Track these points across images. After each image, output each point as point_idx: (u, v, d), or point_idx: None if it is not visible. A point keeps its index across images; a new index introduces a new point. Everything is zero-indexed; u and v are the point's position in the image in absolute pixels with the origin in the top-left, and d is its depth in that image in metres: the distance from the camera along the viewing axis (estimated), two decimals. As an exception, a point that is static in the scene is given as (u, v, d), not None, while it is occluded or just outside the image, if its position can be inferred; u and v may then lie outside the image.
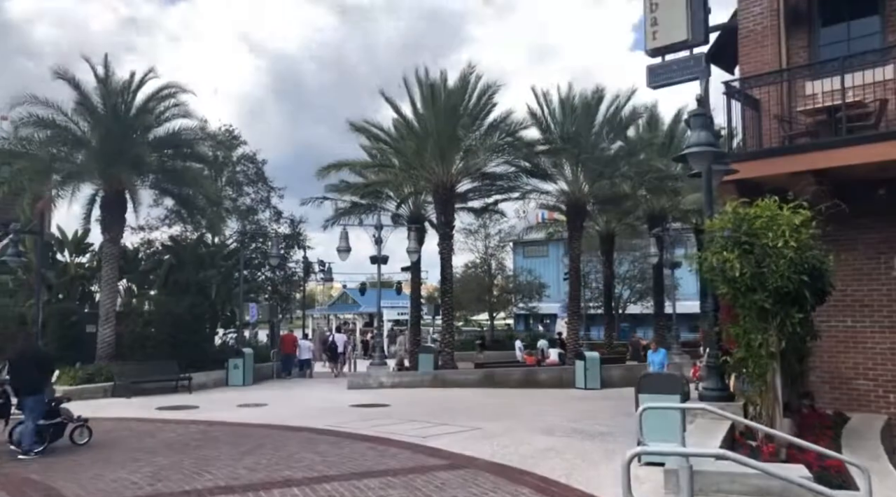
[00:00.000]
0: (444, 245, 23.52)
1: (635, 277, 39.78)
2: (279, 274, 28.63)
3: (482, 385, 21.45)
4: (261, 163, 27.34)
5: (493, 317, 44.29)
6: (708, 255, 7.25)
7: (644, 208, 27.85)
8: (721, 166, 8.83)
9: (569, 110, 24.19)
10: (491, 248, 43.34)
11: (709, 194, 8.65)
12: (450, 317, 23.56)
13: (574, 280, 24.90)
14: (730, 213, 7.20)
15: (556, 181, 24.77)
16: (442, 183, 23.02)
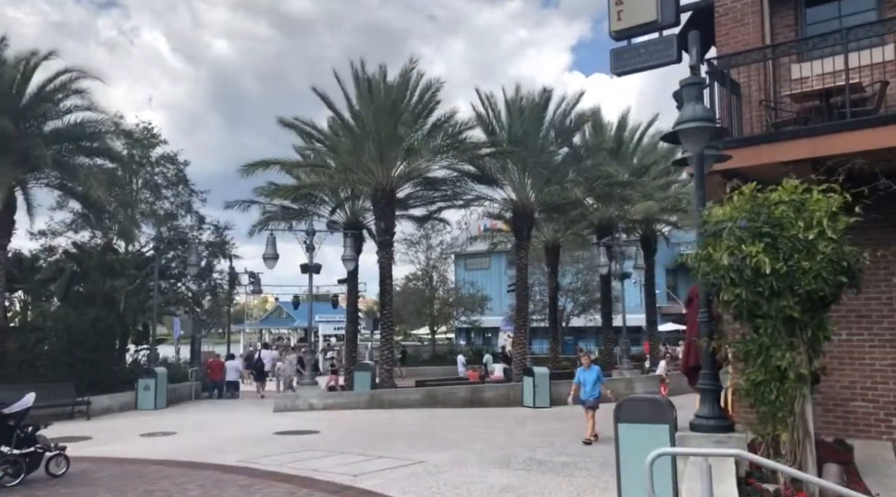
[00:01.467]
0: (384, 254, 21.73)
1: (579, 289, 38.89)
2: (202, 285, 26.12)
3: (424, 405, 19.70)
4: (182, 164, 24.97)
5: (434, 331, 42.58)
6: (717, 252, 5.77)
7: (592, 218, 26.78)
8: (713, 152, 7.44)
9: (516, 112, 22.89)
10: (433, 259, 41.76)
11: (700, 181, 7.24)
12: (389, 331, 21.73)
13: (521, 291, 23.49)
14: (746, 196, 5.75)
15: (502, 186, 23.40)
16: (381, 186, 21.27)
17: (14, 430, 9.06)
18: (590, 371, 13.30)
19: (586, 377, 13.27)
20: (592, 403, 13.03)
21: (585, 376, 13.30)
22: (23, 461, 9.02)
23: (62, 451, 9.50)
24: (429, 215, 26.29)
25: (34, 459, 9.20)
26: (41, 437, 9.36)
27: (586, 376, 13.29)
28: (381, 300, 21.99)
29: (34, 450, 9.21)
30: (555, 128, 23.04)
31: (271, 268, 19.08)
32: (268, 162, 20.97)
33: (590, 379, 13.23)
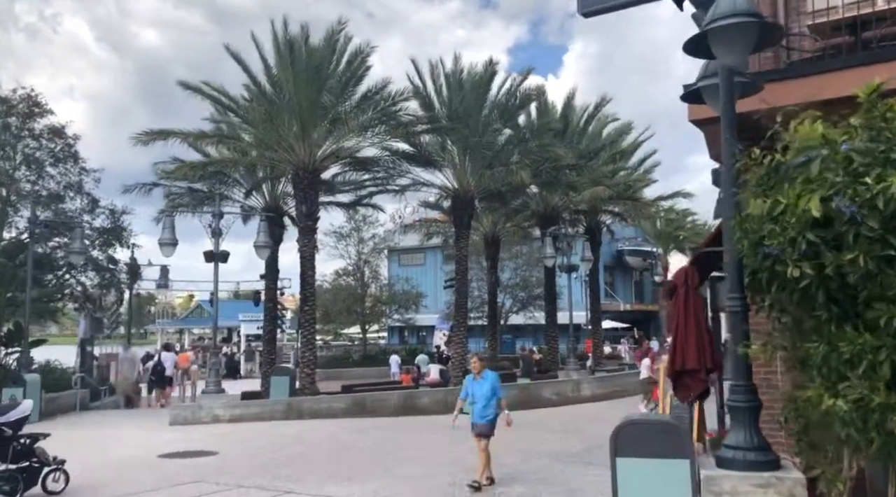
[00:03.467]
0: (306, 242, 19.06)
1: (518, 285, 37.07)
2: (93, 277, 22.66)
3: (351, 414, 17.19)
4: (72, 138, 21.47)
5: (365, 329, 39.92)
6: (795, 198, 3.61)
7: (536, 205, 24.85)
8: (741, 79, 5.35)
9: (456, 87, 20.63)
10: (364, 254, 39.09)
11: (730, 112, 5.13)
12: (311, 330, 19.07)
13: (461, 285, 21.27)
14: (863, 105, 3.63)
15: (441, 169, 21.12)
16: (303, 165, 18.60)
17: (10, 443, 8.15)
18: (482, 380, 9.10)
19: (477, 389, 9.05)
20: (485, 429, 9.08)
21: (475, 388, 9.08)
22: (19, 477, 8.17)
23: (61, 466, 8.66)
24: (358, 200, 23.73)
25: (31, 475, 8.35)
26: (39, 449, 8.43)
27: (477, 388, 9.07)
28: (301, 295, 19.33)
29: (30, 464, 8.31)
30: (499, 106, 20.91)
31: (168, 255, 16.15)
32: (167, 132, 17.91)
33: (481, 392, 9.04)
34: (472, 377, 9.25)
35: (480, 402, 9.06)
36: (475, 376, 9.21)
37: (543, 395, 20.25)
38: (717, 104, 5.62)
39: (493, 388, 9.12)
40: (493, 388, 9.13)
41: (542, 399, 20.09)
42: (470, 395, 9.16)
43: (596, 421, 16.58)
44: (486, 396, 9.07)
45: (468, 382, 9.30)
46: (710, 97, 5.82)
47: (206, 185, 19.81)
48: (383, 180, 22.52)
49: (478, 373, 9.22)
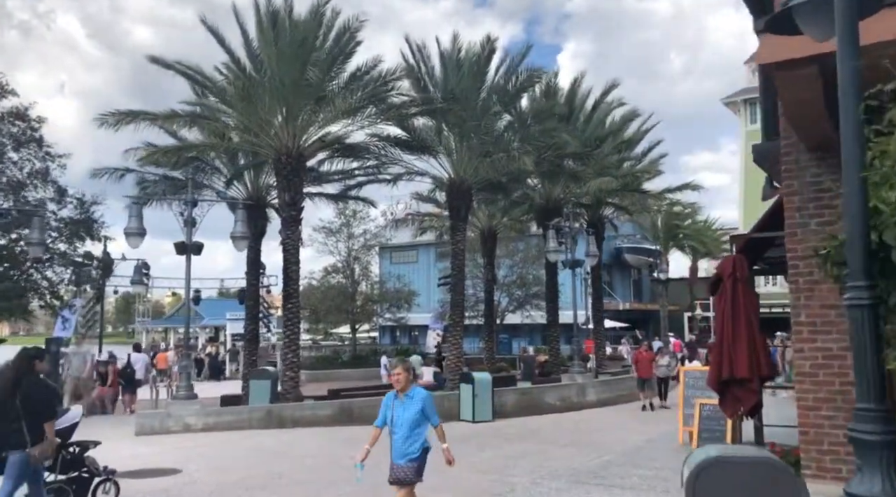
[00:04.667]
0: (289, 234, 17.50)
1: (514, 283, 35.59)
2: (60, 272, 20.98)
3: (337, 421, 15.67)
4: (36, 121, 19.74)
5: (355, 329, 38.37)
6: None
7: (538, 197, 23.36)
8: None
9: (453, 67, 19.12)
10: (355, 250, 37.53)
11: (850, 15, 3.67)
12: (294, 329, 17.52)
13: (457, 282, 19.76)
14: None
15: (436, 155, 19.59)
16: (286, 149, 17.04)
17: (59, 452, 7.40)
18: (407, 400, 6.19)
19: (399, 413, 6.17)
20: (405, 473, 6.20)
21: (398, 411, 6.19)
22: (69, 489, 7.60)
23: (111, 476, 8.08)
24: (347, 191, 22.17)
25: (81, 486, 7.76)
26: (89, 459, 7.85)
27: (399, 411, 6.18)
28: (284, 291, 17.79)
29: (80, 475, 7.71)
30: (498, 88, 19.41)
31: (135, 246, 14.54)
32: (136, 113, 16.27)
33: (405, 417, 6.15)
34: (394, 395, 6.28)
35: (401, 432, 6.11)
36: (398, 394, 6.23)
37: (546, 400, 18.78)
38: (820, 29, 4.11)
39: (421, 412, 6.12)
40: (421, 410, 6.12)
41: (545, 405, 18.62)
42: (389, 420, 6.21)
43: (607, 430, 15.13)
44: (410, 424, 6.08)
45: (388, 401, 6.31)
46: (808, 21, 4.29)
47: (183, 173, 18.20)
48: (374, 169, 21.00)
49: (402, 389, 6.18)
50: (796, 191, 6.61)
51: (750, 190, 50.60)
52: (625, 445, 12.92)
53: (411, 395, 6.23)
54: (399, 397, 6.25)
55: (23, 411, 6.47)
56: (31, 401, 6.54)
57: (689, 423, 13.29)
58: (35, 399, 6.61)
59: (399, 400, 6.25)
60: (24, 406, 6.47)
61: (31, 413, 6.50)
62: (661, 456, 11.75)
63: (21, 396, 6.50)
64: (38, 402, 6.61)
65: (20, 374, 6.62)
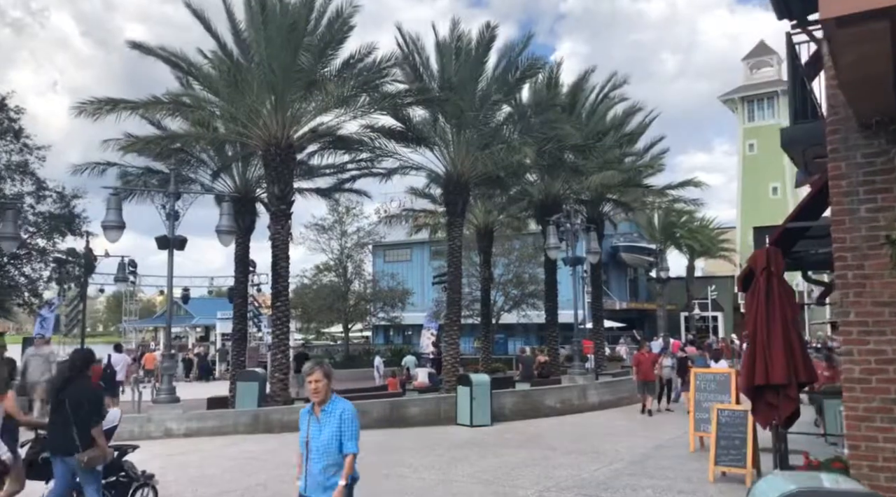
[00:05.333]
0: (278, 228, 16.68)
1: (511, 282, 34.80)
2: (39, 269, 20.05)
3: (327, 426, 14.87)
4: (14, 111, 18.80)
5: (347, 328, 37.54)
6: None
7: (538, 192, 22.61)
8: None
9: (449, 56, 18.33)
10: (348, 248, 36.70)
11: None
12: (283, 329, 16.70)
13: (454, 279, 18.98)
14: None
15: (432, 148, 18.81)
16: (275, 140, 16.22)
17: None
18: (324, 415, 4.73)
19: (316, 434, 4.72)
20: None
21: (314, 431, 4.74)
22: (108, 494, 7.17)
23: (150, 481, 7.64)
24: (339, 185, 21.35)
25: (120, 491, 7.36)
26: (128, 463, 7.50)
27: (317, 431, 4.73)
28: (273, 289, 16.96)
29: (118, 479, 7.30)
30: (497, 78, 18.65)
31: (113, 240, 13.70)
32: (116, 101, 15.38)
33: (323, 437, 4.70)
34: (310, 409, 4.81)
35: (318, 459, 4.67)
36: (314, 408, 4.77)
37: (546, 402, 18.03)
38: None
39: (337, 432, 4.64)
40: (337, 430, 4.64)
41: (544, 407, 17.88)
42: (303, 444, 4.77)
43: (612, 435, 14.39)
44: (326, 448, 4.64)
45: (301, 420, 4.85)
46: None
47: (167, 166, 17.34)
48: (367, 162, 20.20)
49: (319, 401, 4.73)
50: (844, 174, 5.87)
51: (748, 188, 50.18)
52: (633, 452, 12.19)
53: (329, 409, 4.68)
54: (315, 413, 4.74)
55: (73, 415, 6.30)
56: (81, 404, 6.35)
57: (700, 429, 12.57)
58: (84, 402, 6.40)
59: (314, 417, 4.74)
60: (74, 409, 6.29)
61: (81, 417, 6.31)
62: (672, 464, 11.03)
63: (71, 399, 6.32)
64: (87, 406, 6.41)
65: (73, 376, 6.47)
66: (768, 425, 6.88)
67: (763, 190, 48.94)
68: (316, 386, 4.70)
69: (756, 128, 49.82)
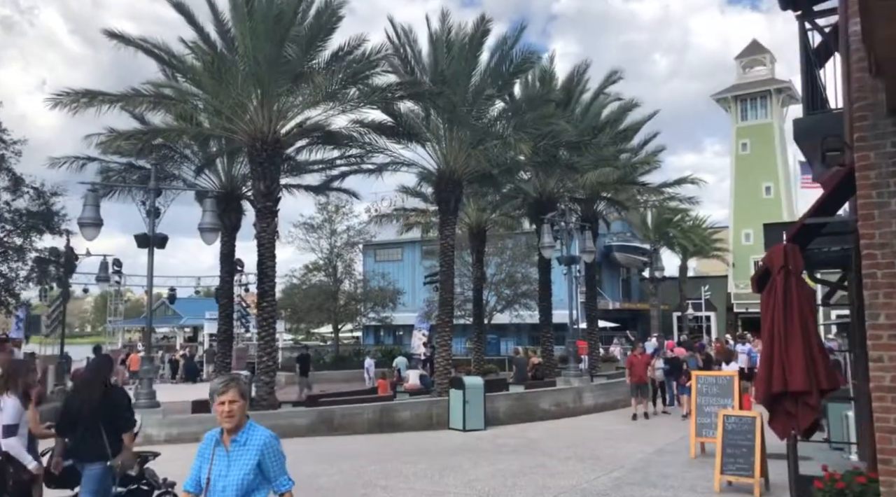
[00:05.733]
0: (264, 226, 16.12)
1: (503, 282, 34.34)
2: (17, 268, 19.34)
3: (316, 431, 14.36)
4: (-10, 102, 18.11)
5: (337, 329, 36.95)
6: None
7: (533, 190, 22.12)
8: None
9: (442, 49, 17.82)
10: (337, 247, 36.10)
11: None
12: (269, 330, 16.12)
13: (446, 279, 18.47)
14: None
15: (424, 144, 18.30)
16: (261, 134, 15.66)
17: None
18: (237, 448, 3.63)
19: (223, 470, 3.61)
20: None
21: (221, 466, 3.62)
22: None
23: (171, 489, 7.42)
24: (328, 182, 20.79)
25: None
26: (149, 471, 7.36)
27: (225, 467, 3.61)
28: (259, 289, 16.40)
29: (139, 487, 7.14)
30: (491, 72, 18.15)
31: (90, 238, 13.11)
32: (94, 93, 14.75)
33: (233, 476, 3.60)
34: (217, 437, 3.72)
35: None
36: (222, 436, 3.70)
37: (540, 405, 17.59)
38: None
39: (253, 471, 3.62)
40: (258, 467, 3.63)
41: (539, 410, 17.44)
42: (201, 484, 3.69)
43: (610, 440, 13.93)
44: (236, 490, 3.59)
45: (203, 452, 3.74)
46: None
47: (150, 161, 16.75)
48: (357, 159, 19.66)
49: (231, 428, 3.66)
50: (872, 164, 5.40)
51: (741, 188, 49.92)
52: (633, 459, 11.72)
53: (242, 439, 3.64)
54: (224, 443, 3.67)
55: (104, 420, 6.07)
56: (114, 408, 6.15)
57: (702, 434, 12.14)
58: (117, 407, 6.23)
59: (222, 447, 3.67)
60: (106, 414, 6.07)
61: (112, 422, 6.10)
62: (675, 472, 10.57)
63: (100, 404, 6.08)
64: (119, 410, 6.25)
65: (95, 379, 6.24)
66: (786, 436, 6.41)
67: (756, 189, 48.66)
68: (230, 408, 3.60)
69: (749, 127, 49.58)
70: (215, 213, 14.24)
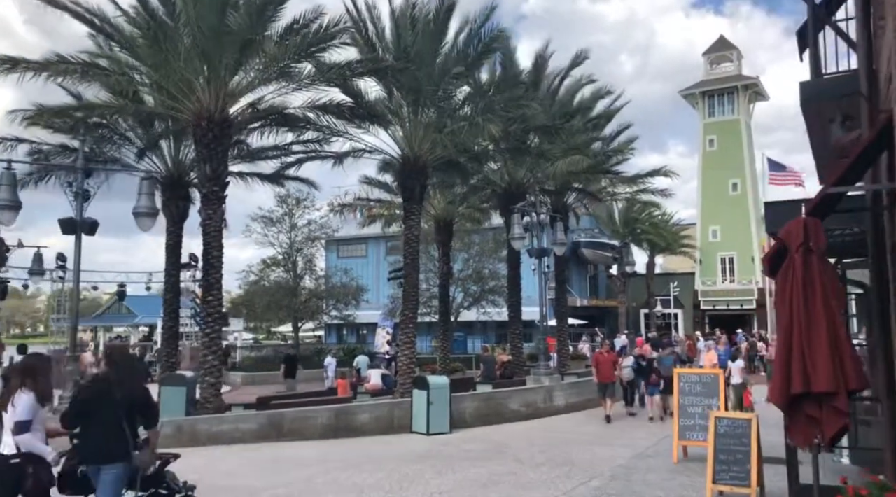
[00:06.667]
0: (210, 213, 14.72)
1: (470, 278, 33.29)
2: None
3: (264, 437, 13.06)
4: None
5: (297, 327, 35.45)
6: None
7: (500, 179, 21.08)
8: None
9: (405, 25, 16.62)
10: (298, 242, 34.57)
11: None
12: (215, 326, 14.73)
13: (411, 271, 17.30)
14: None
15: (387, 127, 17.10)
16: (207, 112, 14.29)
17: None
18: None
19: None
20: None
21: None
22: None
23: (191, 493, 6.68)
24: (283, 169, 19.43)
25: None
26: (170, 474, 6.56)
27: None
28: (204, 281, 15.02)
29: (157, 491, 6.40)
30: (457, 53, 17.02)
31: (7, 221, 11.57)
32: (16, 60, 13.14)
33: None
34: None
35: None
36: None
37: (510, 406, 16.53)
38: None
39: None
40: None
41: (508, 411, 16.38)
42: None
43: (584, 443, 12.92)
44: None
45: None
46: None
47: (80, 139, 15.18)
48: (315, 144, 18.36)
49: None
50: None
51: (708, 184, 49.72)
52: (611, 465, 10.73)
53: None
54: None
55: (126, 417, 5.62)
56: (135, 405, 5.70)
57: (685, 437, 11.20)
58: (139, 402, 5.79)
59: None
60: (127, 411, 5.63)
61: (133, 419, 5.71)
62: (659, 480, 9.60)
63: (121, 401, 5.60)
64: (141, 407, 5.81)
65: (124, 373, 5.81)
66: (808, 445, 5.41)
67: (723, 186, 48.53)
68: None
69: (716, 123, 49.40)
70: (152, 196, 12.81)
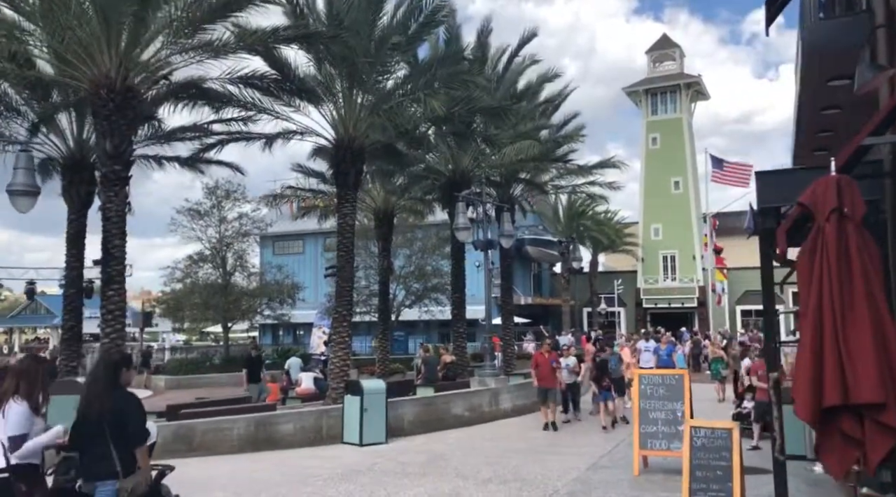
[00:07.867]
0: (111, 196, 12.79)
1: (412, 275, 31.86)
2: None
3: (171, 452, 11.21)
4: None
5: (227, 328, 33.25)
6: None
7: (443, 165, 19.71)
8: None
9: (340, -8, 15.01)
10: (228, 237, 32.35)
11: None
12: (116, 325, 12.81)
13: (345, 263, 15.70)
14: None
15: (318, 104, 15.47)
16: (107, 79, 12.37)
17: None
18: None
19: None
20: None
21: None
22: None
23: None
24: (202, 151, 17.51)
25: None
26: (165, 488, 5.94)
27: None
28: (104, 274, 13.04)
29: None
30: (397, 26, 15.53)
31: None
32: None
33: None
34: None
35: None
36: None
37: (452, 411, 15.19)
38: None
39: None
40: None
41: (451, 417, 15.04)
42: None
43: (534, 452, 11.64)
44: None
45: None
46: None
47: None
48: (240, 124, 16.54)
49: None
50: None
51: (650, 182, 49.67)
52: (566, 478, 9.48)
53: None
54: None
55: (111, 433, 5.01)
56: (121, 419, 5.05)
57: (646, 446, 10.05)
58: (125, 417, 5.11)
59: None
60: (112, 426, 4.99)
61: (121, 435, 5.04)
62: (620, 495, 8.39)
63: (110, 414, 4.99)
64: (128, 422, 5.12)
65: (108, 386, 5.16)
66: (845, 473, 4.20)
67: (665, 184, 48.59)
68: None
69: (659, 121, 49.44)
70: (32, 173, 10.82)
